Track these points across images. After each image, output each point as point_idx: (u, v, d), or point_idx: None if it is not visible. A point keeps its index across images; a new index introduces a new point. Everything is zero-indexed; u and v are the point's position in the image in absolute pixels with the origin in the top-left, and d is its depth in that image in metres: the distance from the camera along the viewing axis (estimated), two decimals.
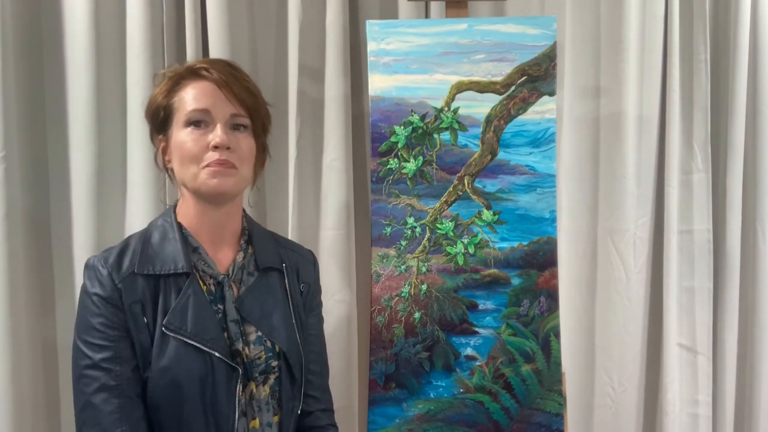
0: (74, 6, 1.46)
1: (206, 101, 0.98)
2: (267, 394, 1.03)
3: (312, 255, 1.21)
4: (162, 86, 1.03)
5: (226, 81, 0.99)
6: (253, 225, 1.12)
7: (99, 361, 0.93)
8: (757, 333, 1.69)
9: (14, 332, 1.40)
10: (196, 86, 1.00)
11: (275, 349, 1.04)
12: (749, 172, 1.68)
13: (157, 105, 1.02)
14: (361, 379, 1.58)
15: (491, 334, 1.36)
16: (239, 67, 1.06)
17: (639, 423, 1.68)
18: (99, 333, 0.94)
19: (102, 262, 0.97)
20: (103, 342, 0.94)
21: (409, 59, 1.35)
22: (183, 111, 0.99)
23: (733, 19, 1.63)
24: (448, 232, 1.36)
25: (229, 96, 0.99)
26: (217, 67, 1.01)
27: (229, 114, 1.00)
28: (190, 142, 0.98)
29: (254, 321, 1.03)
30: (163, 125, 1.03)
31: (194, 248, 1.02)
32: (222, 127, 0.98)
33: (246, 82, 1.03)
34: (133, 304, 0.96)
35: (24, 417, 1.44)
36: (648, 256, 1.66)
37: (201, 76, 1.00)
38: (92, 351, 0.94)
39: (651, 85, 1.63)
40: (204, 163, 0.98)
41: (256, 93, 1.05)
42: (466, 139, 1.36)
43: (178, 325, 0.95)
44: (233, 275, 1.04)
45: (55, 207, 1.50)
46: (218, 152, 0.97)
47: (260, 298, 1.05)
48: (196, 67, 1.02)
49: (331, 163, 1.55)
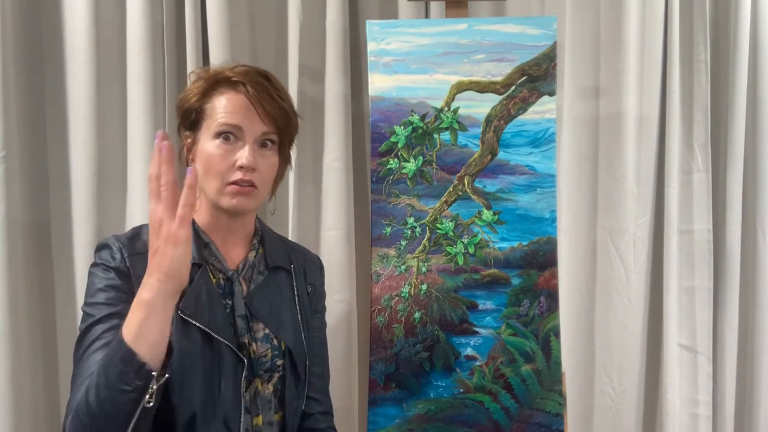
0: (74, 6, 1.46)
1: (238, 117, 0.98)
2: (270, 392, 1.04)
3: (319, 260, 1.22)
4: (196, 87, 1.02)
5: (259, 99, 0.98)
6: (264, 227, 1.14)
7: (102, 317, 0.93)
8: (757, 333, 1.69)
9: (14, 332, 1.41)
10: (231, 98, 0.99)
11: (281, 347, 1.05)
12: (749, 172, 1.68)
13: (190, 105, 1.02)
14: (361, 379, 1.58)
15: (491, 334, 1.36)
16: (274, 79, 1.04)
17: (639, 423, 1.68)
18: (104, 294, 0.94)
19: (113, 239, 0.98)
20: (108, 302, 0.94)
21: (409, 59, 1.35)
22: (214, 120, 0.98)
23: (733, 19, 1.63)
24: (448, 232, 1.36)
25: (262, 114, 0.98)
26: (252, 82, 0.99)
27: (260, 132, 0.99)
28: (218, 157, 0.98)
29: (262, 318, 1.03)
30: (193, 126, 1.02)
31: (206, 243, 1.03)
32: (251, 147, 0.98)
33: (280, 100, 1.02)
34: (141, 277, 0.94)
35: (24, 417, 1.44)
36: (648, 256, 1.66)
37: (236, 89, 0.99)
38: (96, 310, 0.93)
39: (651, 85, 1.63)
40: (228, 180, 0.98)
41: (289, 110, 1.03)
42: (466, 139, 1.36)
43: (192, 311, 0.95)
44: (243, 272, 1.05)
45: (55, 207, 1.50)
46: (243, 172, 0.97)
47: (269, 295, 1.06)
48: (232, 78, 1.00)
49: (331, 163, 1.55)
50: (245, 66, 1.03)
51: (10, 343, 1.40)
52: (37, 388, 1.48)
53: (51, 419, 1.51)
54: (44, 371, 1.50)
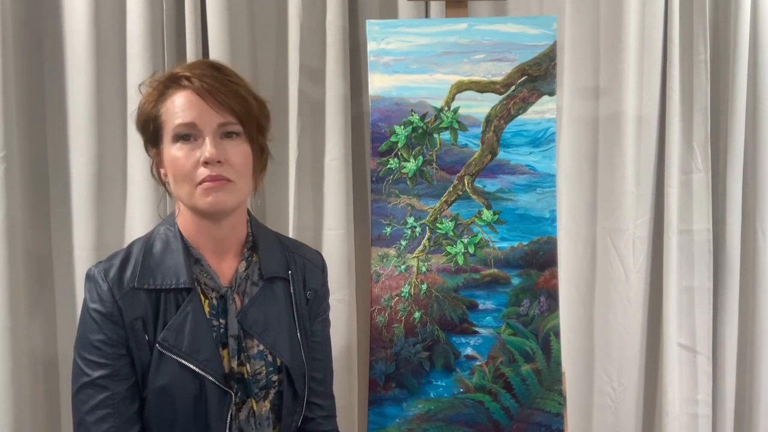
0: (74, 6, 1.45)
1: (191, 114, 0.92)
2: (267, 408, 1.01)
3: (321, 259, 1.17)
4: (147, 96, 0.97)
5: (208, 89, 0.92)
6: (259, 230, 1.08)
7: (96, 378, 0.91)
8: (757, 333, 1.70)
9: (14, 333, 1.40)
10: (180, 96, 0.93)
11: (276, 363, 1.02)
12: (749, 172, 1.68)
13: (146, 117, 0.97)
14: (361, 379, 1.58)
15: (491, 334, 1.36)
16: (224, 68, 0.98)
17: (639, 423, 1.68)
18: (98, 350, 0.92)
19: (102, 275, 0.94)
20: (101, 360, 0.92)
21: (409, 59, 1.35)
22: (170, 124, 0.94)
23: (733, 19, 1.63)
24: (448, 231, 1.36)
25: (214, 105, 0.92)
26: (198, 74, 0.93)
27: (217, 124, 0.93)
28: (181, 159, 0.92)
29: (257, 334, 1.00)
30: (154, 139, 0.98)
31: (196, 260, 0.99)
32: (211, 140, 0.92)
33: (233, 85, 0.95)
34: (134, 320, 0.93)
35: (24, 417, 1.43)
36: (647, 255, 1.66)
37: (183, 85, 0.93)
38: (90, 368, 0.92)
39: (651, 85, 1.63)
40: (197, 180, 0.92)
41: (246, 95, 0.96)
42: (466, 138, 1.36)
43: (172, 343, 0.93)
44: (236, 287, 1.01)
45: (55, 207, 1.50)
46: (209, 168, 0.92)
47: (264, 309, 1.02)
48: (177, 74, 0.95)
49: (331, 163, 1.55)
50: (191, 62, 0.97)
51: (10, 344, 1.39)
52: (37, 388, 1.48)
53: (51, 419, 1.51)
54: (44, 372, 1.50)
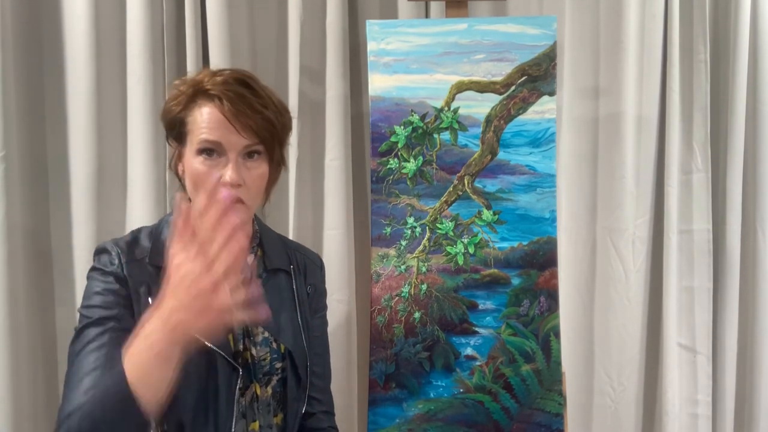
0: (74, 6, 1.46)
1: (217, 133, 0.94)
2: (269, 395, 1.03)
3: (319, 259, 1.21)
4: (176, 97, 0.99)
5: (236, 113, 0.94)
6: (263, 228, 1.12)
7: (97, 319, 0.91)
8: (757, 333, 1.69)
9: (14, 332, 1.40)
10: (209, 112, 0.95)
11: (280, 350, 1.04)
12: (749, 172, 1.68)
13: (172, 118, 0.99)
14: (361, 379, 1.58)
15: (491, 334, 1.36)
16: (255, 84, 0.99)
17: (639, 423, 1.68)
18: (101, 297, 0.93)
19: (111, 244, 0.98)
20: (104, 305, 0.93)
21: (409, 59, 1.35)
22: (196, 135, 0.95)
23: (733, 19, 1.63)
24: (448, 232, 1.36)
25: (241, 129, 0.94)
26: (229, 96, 0.94)
27: (242, 146, 0.95)
28: (203, 174, 0.95)
29: (261, 321, 1.03)
30: (178, 138, 1.00)
31: None
32: (233, 165, 0.94)
33: (262, 108, 0.96)
34: (139, 284, 0.95)
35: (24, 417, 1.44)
36: (647, 255, 1.66)
37: (214, 102, 0.95)
38: (91, 312, 0.93)
39: (650, 85, 1.63)
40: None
41: (273, 118, 0.98)
42: (466, 139, 1.36)
43: None
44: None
45: (55, 206, 1.50)
46: (227, 187, 0.94)
47: (268, 299, 1.04)
48: (210, 91, 0.95)
49: (331, 163, 1.55)
50: (223, 74, 0.98)
51: (10, 344, 1.39)
52: (37, 388, 1.48)
53: (51, 419, 1.51)
54: (44, 372, 1.50)
